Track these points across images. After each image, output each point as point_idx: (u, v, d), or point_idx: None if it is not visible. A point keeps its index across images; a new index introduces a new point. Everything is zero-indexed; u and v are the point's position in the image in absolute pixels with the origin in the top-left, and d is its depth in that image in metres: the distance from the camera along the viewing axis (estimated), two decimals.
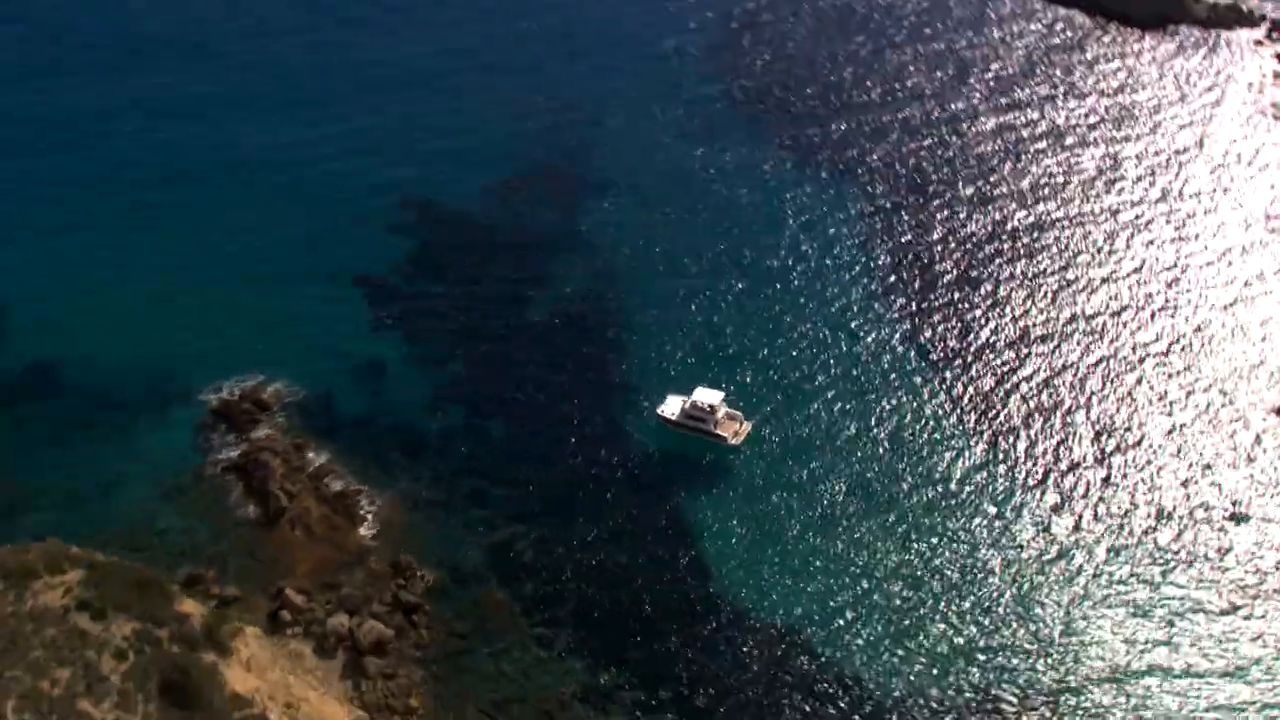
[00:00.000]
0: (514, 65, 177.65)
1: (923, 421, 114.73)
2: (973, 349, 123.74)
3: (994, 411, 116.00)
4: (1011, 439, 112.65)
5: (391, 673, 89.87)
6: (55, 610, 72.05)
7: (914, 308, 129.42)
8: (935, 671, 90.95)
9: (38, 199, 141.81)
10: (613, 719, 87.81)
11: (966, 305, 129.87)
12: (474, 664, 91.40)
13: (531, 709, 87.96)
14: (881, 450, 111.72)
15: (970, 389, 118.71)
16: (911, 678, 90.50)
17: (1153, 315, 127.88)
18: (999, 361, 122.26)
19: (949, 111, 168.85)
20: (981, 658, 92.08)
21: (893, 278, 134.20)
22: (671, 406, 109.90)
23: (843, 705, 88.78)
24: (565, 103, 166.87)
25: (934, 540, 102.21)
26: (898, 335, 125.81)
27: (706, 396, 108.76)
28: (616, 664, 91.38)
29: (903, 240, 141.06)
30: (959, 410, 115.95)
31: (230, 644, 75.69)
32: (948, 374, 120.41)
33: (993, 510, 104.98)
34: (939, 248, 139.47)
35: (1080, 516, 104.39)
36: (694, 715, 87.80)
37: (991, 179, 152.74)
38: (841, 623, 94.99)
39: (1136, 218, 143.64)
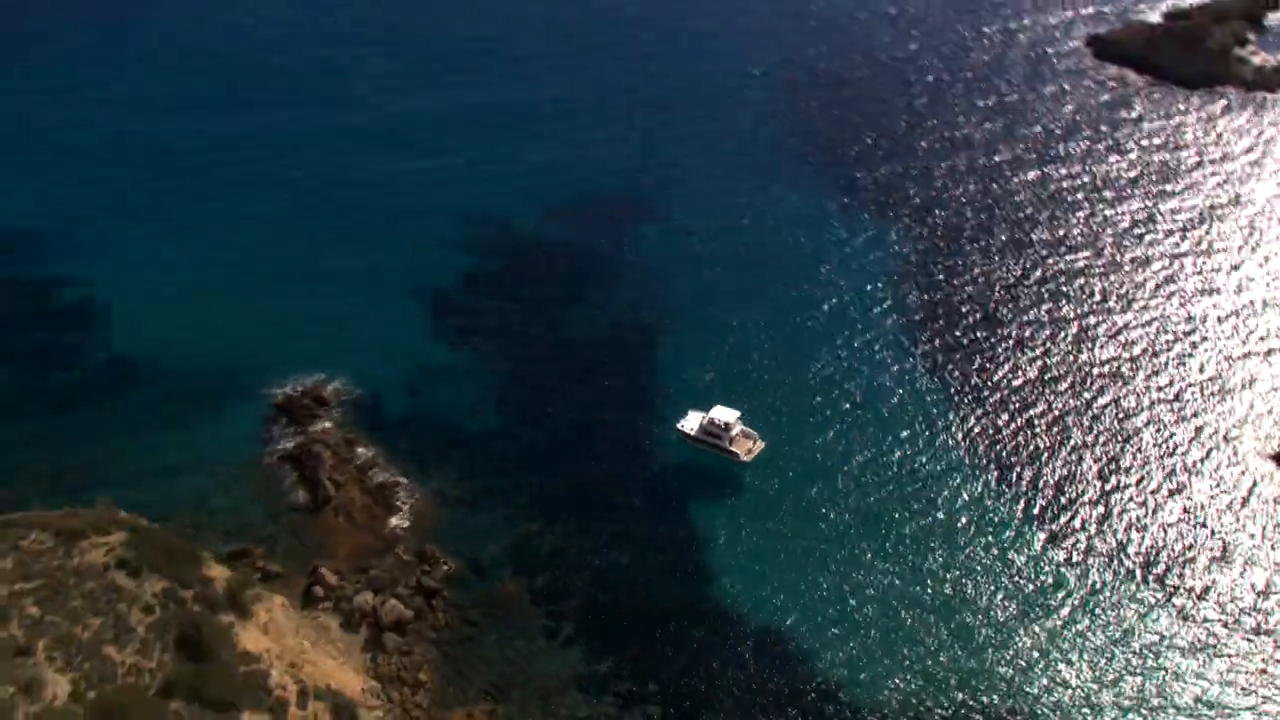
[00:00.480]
0: (588, 110, 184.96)
1: (932, 452, 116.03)
2: (990, 386, 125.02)
3: (1003, 446, 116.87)
4: (1017, 473, 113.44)
5: (407, 649, 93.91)
6: (97, 566, 77.42)
7: (937, 344, 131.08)
8: (913, 688, 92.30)
9: (151, 214, 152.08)
10: (603, 706, 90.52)
11: (989, 344, 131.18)
12: (482, 647, 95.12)
13: (530, 691, 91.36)
14: (889, 476, 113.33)
15: (983, 424, 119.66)
16: (890, 693, 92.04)
17: (1168, 363, 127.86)
18: (1014, 399, 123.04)
19: (994, 161, 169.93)
20: (957, 680, 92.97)
21: (920, 315, 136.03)
22: (691, 422, 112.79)
23: (822, 711, 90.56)
24: (626, 141, 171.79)
25: (929, 565, 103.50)
26: (919, 369, 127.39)
27: (723, 415, 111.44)
28: (613, 656, 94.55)
29: (934, 280, 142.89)
30: (969, 443, 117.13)
31: (249, 608, 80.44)
32: (963, 408, 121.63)
33: (990, 540, 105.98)
34: (968, 289, 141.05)
35: (1072, 551, 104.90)
36: (679, 709, 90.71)
37: (1027, 226, 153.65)
38: (831, 635, 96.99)
39: (1164, 269, 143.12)
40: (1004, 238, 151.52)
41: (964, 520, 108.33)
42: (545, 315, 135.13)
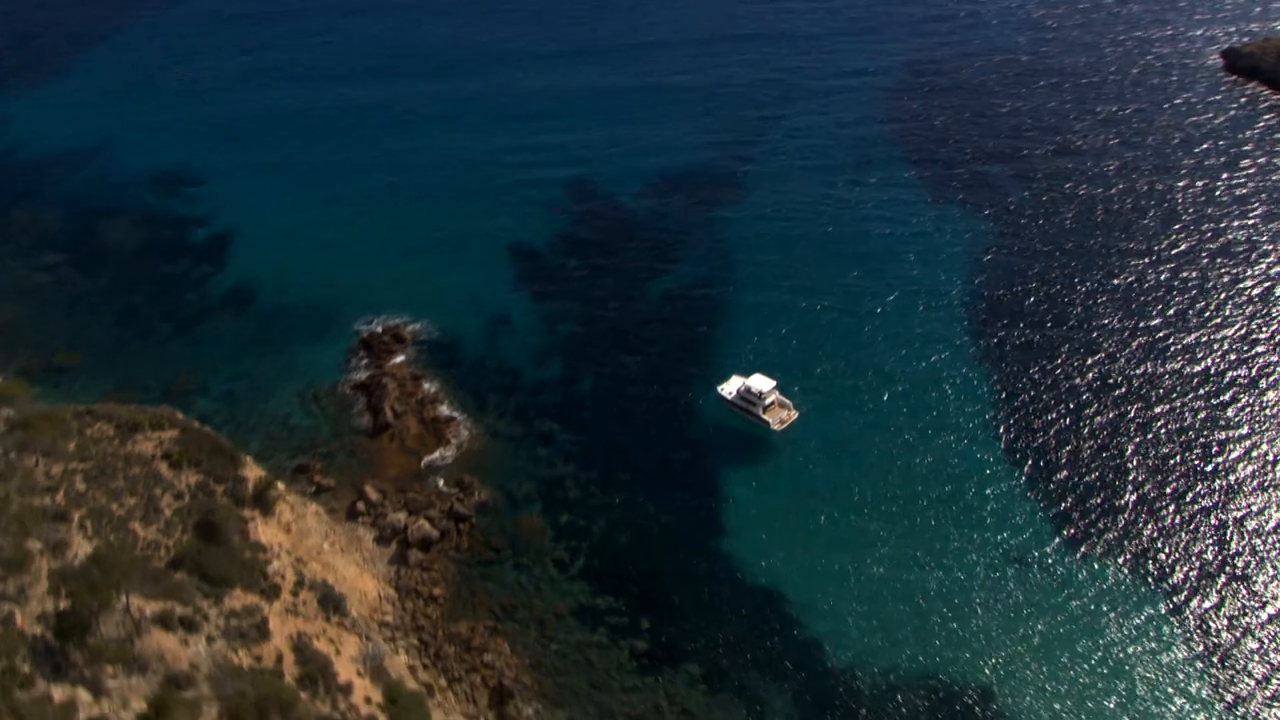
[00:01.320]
0: (703, 98, 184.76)
1: (968, 445, 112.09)
2: (1044, 387, 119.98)
3: (1043, 447, 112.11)
4: (1049, 478, 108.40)
5: (428, 566, 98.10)
6: (145, 456, 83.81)
7: (999, 341, 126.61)
8: (897, 664, 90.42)
9: (285, 170, 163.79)
10: (596, 635, 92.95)
11: (1052, 346, 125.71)
12: (498, 572, 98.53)
13: (532, 615, 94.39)
14: (918, 463, 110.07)
15: (1028, 422, 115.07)
16: (870, 666, 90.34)
17: (1235, 386, 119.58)
18: (1065, 403, 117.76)
19: (1102, 168, 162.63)
20: (940, 662, 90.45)
21: (990, 312, 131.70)
22: (730, 387, 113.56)
23: (801, 667, 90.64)
24: (735, 129, 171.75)
25: (938, 550, 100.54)
26: (974, 364, 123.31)
27: (759, 383, 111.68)
28: (614, 594, 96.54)
29: (1013, 279, 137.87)
30: (1009, 440, 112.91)
31: (273, 506, 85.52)
32: (1011, 406, 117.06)
33: (1007, 539, 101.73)
34: (1047, 290, 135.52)
35: (1086, 561, 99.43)
36: (664, 644, 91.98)
37: (1122, 235, 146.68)
38: (825, 606, 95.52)
39: (1254, 291, 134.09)
40: (1095, 244, 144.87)
41: (985, 517, 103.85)
42: (622, 281, 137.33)
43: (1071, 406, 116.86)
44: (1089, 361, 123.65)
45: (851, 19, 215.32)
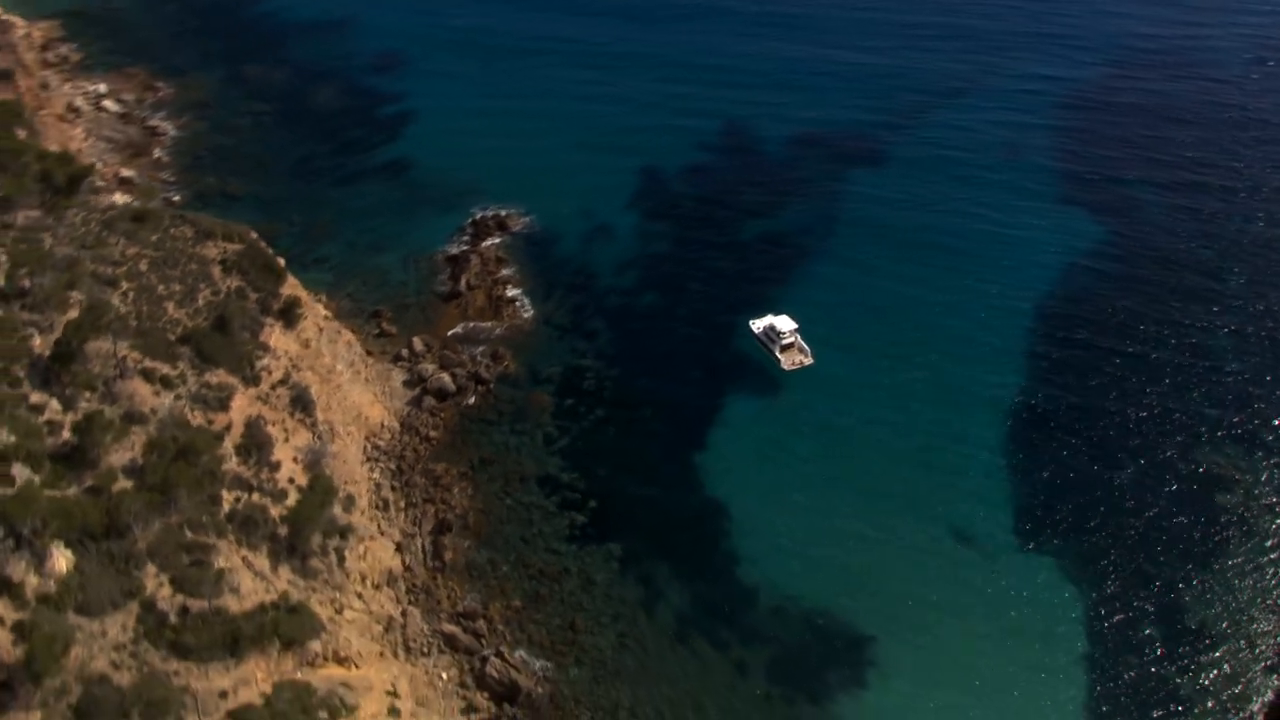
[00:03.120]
0: (879, 75, 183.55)
1: (975, 445, 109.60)
2: (1085, 409, 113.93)
3: (1054, 463, 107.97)
4: (1046, 491, 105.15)
5: (436, 413, 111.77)
6: (206, 258, 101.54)
7: (1056, 356, 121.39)
8: (793, 596, 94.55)
9: (480, 75, 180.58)
10: (546, 501, 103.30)
11: (1114, 371, 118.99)
12: (492, 431, 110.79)
13: (501, 471, 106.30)
14: (914, 447, 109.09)
15: (1050, 439, 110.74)
16: (773, 590, 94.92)
17: None
18: (1102, 429, 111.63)
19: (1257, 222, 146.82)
20: (835, 612, 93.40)
21: (1063, 327, 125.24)
22: (760, 322, 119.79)
23: (708, 577, 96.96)
24: (896, 110, 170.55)
25: (887, 515, 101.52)
26: (1019, 373, 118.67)
27: (782, 323, 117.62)
28: (580, 473, 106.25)
29: (1104, 297, 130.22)
30: (1020, 449, 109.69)
31: (296, 321, 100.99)
32: (1038, 419, 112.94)
33: (962, 522, 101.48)
34: (1139, 318, 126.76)
35: (1026, 557, 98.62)
36: (601, 526, 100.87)
37: (1260, 277, 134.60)
38: (761, 528, 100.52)
39: None
40: (1204, 290, 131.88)
41: (975, 521, 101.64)
42: (724, 217, 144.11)
43: (1105, 434, 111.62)
44: (1147, 394, 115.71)
45: (1061, 24, 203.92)
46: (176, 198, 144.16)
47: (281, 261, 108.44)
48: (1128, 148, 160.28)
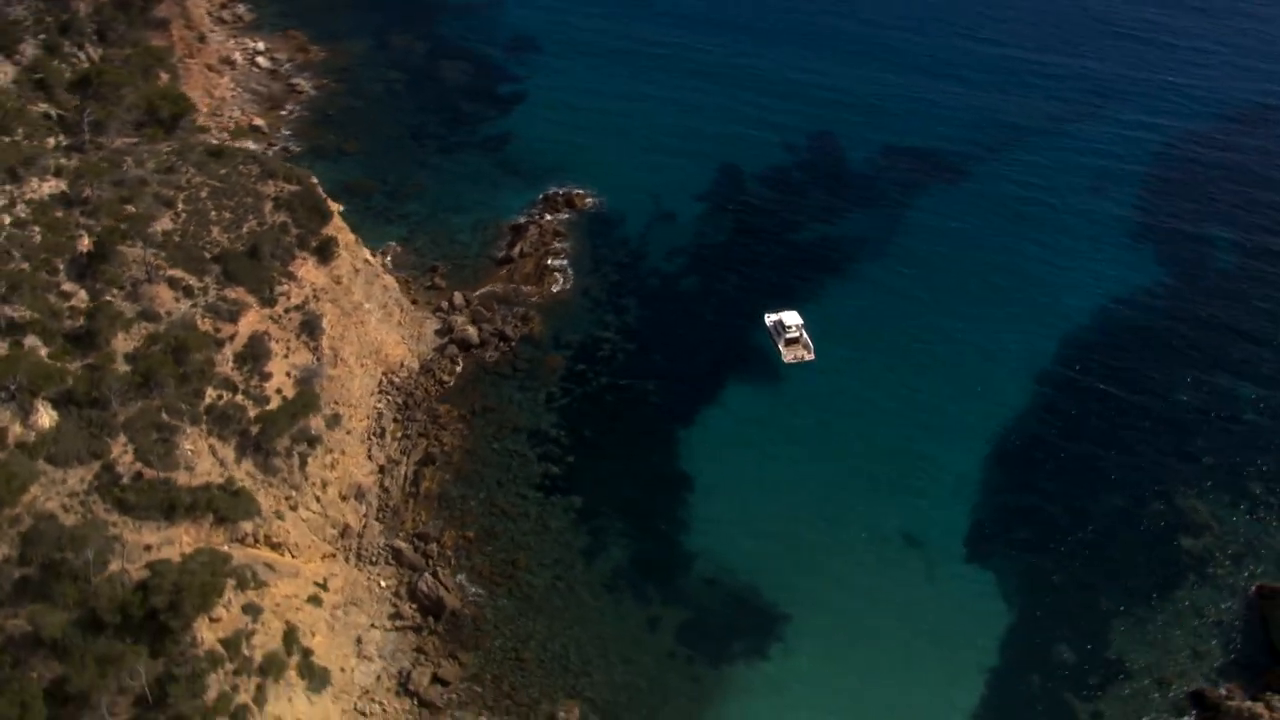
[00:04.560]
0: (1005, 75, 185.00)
1: (950, 467, 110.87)
2: (1097, 443, 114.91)
3: (1034, 495, 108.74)
4: (1020, 523, 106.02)
5: (455, 360, 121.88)
6: (263, 195, 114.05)
7: (1049, 403, 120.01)
8: (731, 569, 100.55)
9: (600, 68, 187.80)
10: (530, 451, 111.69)
11: (1140, 413, 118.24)
12: (501, 385, 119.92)
13: (497, 419, 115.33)
14: (904, 462, 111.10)
15: (1031, 470, 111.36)
16: (715, 558, 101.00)
17: None
18: (1089, 464, 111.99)
19: None
20: (771, 588, 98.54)
21: (1093, 371, 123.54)
22: (773, 315, 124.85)
23: (655, 539, 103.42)
24: (989, 140, 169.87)
25: (847, 506, 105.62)
26: (1028, 405, 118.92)
27: (789, 317, 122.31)
28: (570, 430, 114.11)
29: (1133, 347, 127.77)
30: (998, 479, 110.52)
31: (331, 259, 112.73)
32: (1043, 450, 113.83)
33: (919, 523, 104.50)
34: (1162, 367, 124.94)
35: (969, 564, 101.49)
36: (571, 480, 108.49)
37: None
38: (722, 502, 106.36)
39: None
40: (1257, 347, 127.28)
41: (945, 532, 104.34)
42: (789, 214, 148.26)
43: (1111, 472, 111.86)
44: (1166, 439, 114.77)
45: (1185, 74, 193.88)
46: (296, 149, 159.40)
47: (333, 205, 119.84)
48: (1211, 204, 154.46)
